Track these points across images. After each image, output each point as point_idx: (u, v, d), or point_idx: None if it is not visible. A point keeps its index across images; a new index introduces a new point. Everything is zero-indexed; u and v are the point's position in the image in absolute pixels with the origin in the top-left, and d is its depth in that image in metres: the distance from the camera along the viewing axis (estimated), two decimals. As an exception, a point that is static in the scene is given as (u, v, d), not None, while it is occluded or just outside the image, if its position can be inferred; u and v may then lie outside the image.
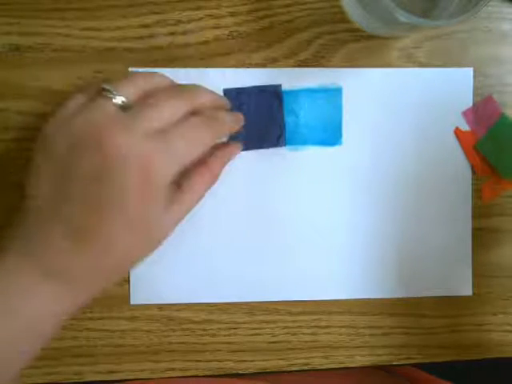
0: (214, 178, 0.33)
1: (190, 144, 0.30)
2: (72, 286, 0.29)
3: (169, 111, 0.30)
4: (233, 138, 0.35)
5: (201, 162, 0.33)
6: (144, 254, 0.31)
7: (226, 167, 0.34)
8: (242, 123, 0.35)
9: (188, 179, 0.32)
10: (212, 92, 0.34)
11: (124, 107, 0.29)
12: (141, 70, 0.35)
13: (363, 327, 0.37)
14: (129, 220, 0.29)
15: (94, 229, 0.29)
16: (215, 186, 0.33)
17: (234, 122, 0.35)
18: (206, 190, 0.33)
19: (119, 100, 0.29)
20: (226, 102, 0.35)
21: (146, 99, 0.30)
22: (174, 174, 0.30)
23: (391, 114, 0.36)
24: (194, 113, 0.31)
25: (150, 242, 0.31)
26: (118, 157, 0.28)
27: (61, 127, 0.30)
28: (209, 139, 0.32)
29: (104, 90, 0.29)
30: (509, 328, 0.38)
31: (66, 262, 0.29)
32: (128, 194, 0.28)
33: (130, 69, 0.35)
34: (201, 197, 0.32)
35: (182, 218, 0.32)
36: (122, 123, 0.28)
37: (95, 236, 0.29)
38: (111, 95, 0.29)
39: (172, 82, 0.33)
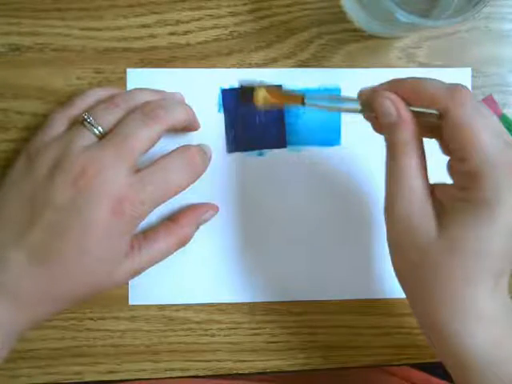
0: (184, 235, 0.34)
1: (165, 189, 0.31)
2: (19, 308, 0.29)
3: (147, 141, 0.30)
4: (232, 139, 0.36)
5: (172, 218, 0.34)
6: (95, 291, 0.31)
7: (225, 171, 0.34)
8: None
9: (154, 232, 0.33)
10: (186, 111, 0.33)
11: (101, 137, 0.30)
12: (141, 70, 0.35)
13: (363, 327, 0.37)
14: (89, 254, 0.29)
15: (54, 256, 0.29)
16: (215, 187, 0.33)
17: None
18: (170, 247, 0.33)
19: (97, 131, 0.30)
20: (196, 122, 0.34)
21: (124, 133, 0.30)
22: (144, 218, 0.30)
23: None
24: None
25: (104, 281, 0.31)
26: (93, 191, 0.29)
27: (45, 150, 0.30)
28: (185, 183, 0.31)
29: (84, 120, 0.30)
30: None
31: (20, 285, 0.29)
32: (93, 230, 0.29)
33: (130, 69, 0.35)
34: (165, 252, 0.33)
35: (140, 271, 0.32)
36: (104, 160, 0.29)
37: (53, 263, 0.29)
38: (90, 126, 0.30)
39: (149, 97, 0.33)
